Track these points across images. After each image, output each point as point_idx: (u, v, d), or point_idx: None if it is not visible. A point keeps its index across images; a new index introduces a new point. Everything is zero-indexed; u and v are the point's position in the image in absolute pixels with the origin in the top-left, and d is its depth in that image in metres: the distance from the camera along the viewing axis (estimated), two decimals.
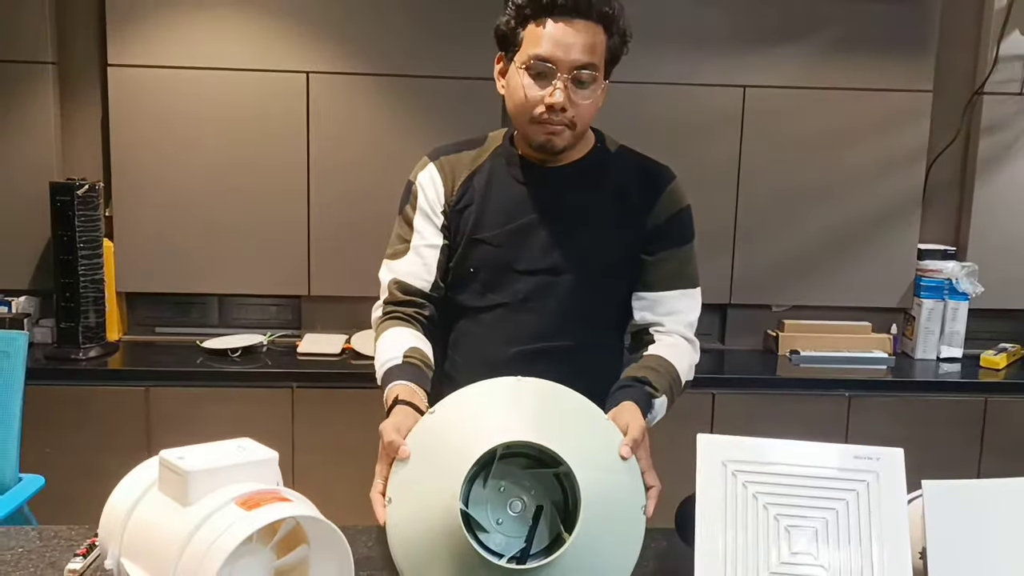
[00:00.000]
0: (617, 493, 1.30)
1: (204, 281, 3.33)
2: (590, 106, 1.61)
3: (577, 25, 1.55)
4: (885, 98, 3.37)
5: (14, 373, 2.15)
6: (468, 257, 1.71)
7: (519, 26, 1.59)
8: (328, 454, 2.98)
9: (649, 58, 3.30)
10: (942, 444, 3.11)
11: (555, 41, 1.55)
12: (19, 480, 2.14)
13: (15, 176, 3.22)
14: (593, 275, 1.69)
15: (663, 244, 1.71)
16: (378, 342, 1.65)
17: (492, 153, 1.74)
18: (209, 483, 1.17)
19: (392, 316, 1.68)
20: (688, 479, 1.32)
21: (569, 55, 1.55)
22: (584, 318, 1.71)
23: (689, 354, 1.74)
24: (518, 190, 1.70)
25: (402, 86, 3.25)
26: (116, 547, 1.21)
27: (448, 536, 1.21)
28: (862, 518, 1.23)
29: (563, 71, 1.56)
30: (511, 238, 1.68)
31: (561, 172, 1.70)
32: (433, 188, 1.72)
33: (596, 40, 1.57)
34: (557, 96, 1.56)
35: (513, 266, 1.69)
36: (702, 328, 3.77)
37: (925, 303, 3.42)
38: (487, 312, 1.71)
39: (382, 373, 1.58)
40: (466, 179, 1.72)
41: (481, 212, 1.69)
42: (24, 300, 3.25)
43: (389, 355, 1.59)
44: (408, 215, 1.73)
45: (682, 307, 1.74)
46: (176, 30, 3.19)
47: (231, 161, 3.26)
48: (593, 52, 1.57)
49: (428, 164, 1.74)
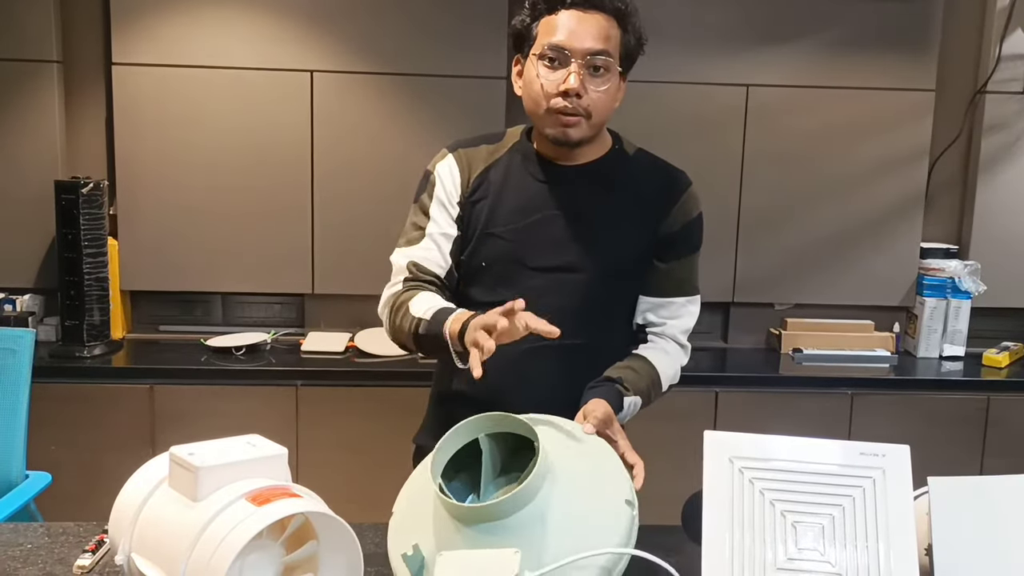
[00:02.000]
0: (599, 481, 1.31)
1: (208, 279, 3.34)
2: (605, 96, 1.62)
3: (590, 15, 1.59)
4: (888, 97, 3.38)
5: (21, 371, 2.15)
6: (480, 251, 1.71)
7: (534, 22, 1.63)
8: (332, 452, 2.98)
9: (652, 56, 3.25)
10: (944, 443, 3.11)
11: (568, 29, 1.59)
12: (26, 477, 2.15)
13: (20, 174, 3.22)
14: (605, 275, 1.70)
15: (676, 252, 1.74)
16: (410, 302, 1.63)
17: (510, 149, 1.75)
18: (219, 479, 1.18)
19: (416, 288, 1.68)
20: (693, 477, 1.33)
21: (583, 42, 1.58)
22: (595, 317, 1.72)
23: (679, 359, 1.80)
24: (533, 186, 1.70)
25: (406, 85, 3.25)
26: (127, 543, 1.22)
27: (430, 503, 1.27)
28: (868, 514, 1.23)
29: (577, 56, 1.58)
30: (523, 234, 1.69)
31: (577, 171, 1.70)
32: (451, 178, 1.73)
33: (610, 31, 1.61)
34: (572, 81, 1.58)
35: (524, 262, 1.69)
36: (704, 327, 3.79)
37: (928, 302, 3.43)
38: (497, 308, 1.71)
39: (431, 315, 1.57)
40: (482, 172, 1.73)
41: (495, 206, 1.70)
42: (28, 298, 3.25)
43: (432, 304, 1.60)
44: (424, 204, 1.74)
45: (684, 313, 1.78)
46: (180, 29, 3.20)
47: (235, 159, 3.26)
48: (607, 40, 1.60)
49: (447, 155, 1.75)
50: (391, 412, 2.88)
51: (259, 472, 1.21)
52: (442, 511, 1.26)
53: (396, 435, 1.92)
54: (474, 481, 1.36)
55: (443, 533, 1.24)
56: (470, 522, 1.23)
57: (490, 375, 1.40)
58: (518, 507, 1.22)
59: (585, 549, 1.20)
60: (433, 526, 1.26)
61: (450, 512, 1.24)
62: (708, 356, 3.46)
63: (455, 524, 1.24)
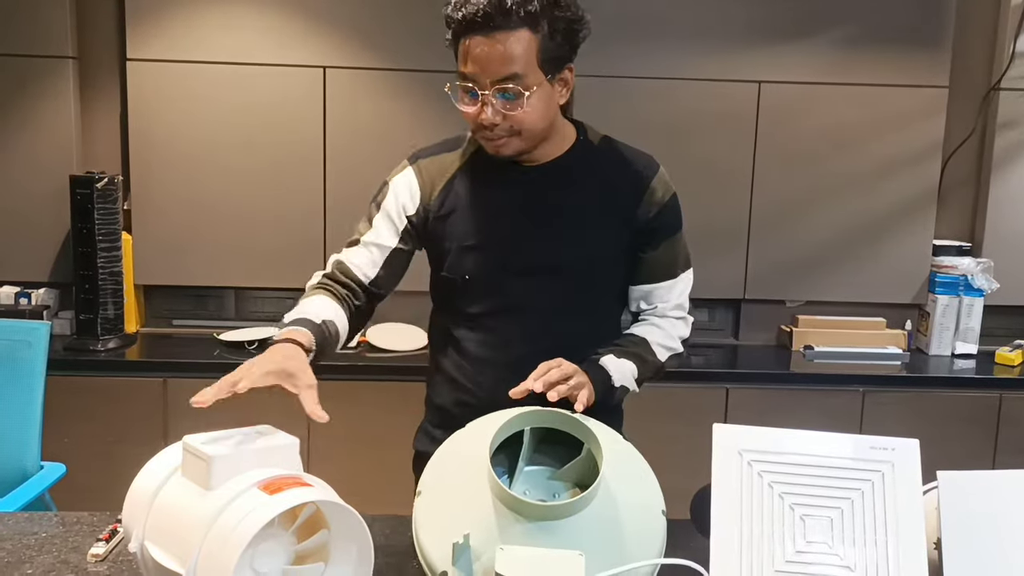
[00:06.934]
0: (636, 488, 1.33)
1: (221, 274, 3.36)
2: (531, 112, 1.55)
3: (495, 38, 1.50)
4: (901, 94, 3.37)
5: (36, 363, 2.17)
6: (461, 265, 1.69)
7: (455, 41, 1.56)
8: (343, 446, 2.99)
9: (662, 53, 3.30)
10: (956, 440, 3.10)
11: (473, 58, 1.52)
12: (41, 468, 2.17)
13: (36, 169, 3.25)
14: (588, 271, 1.68)
15: (656, 238, 1.70)
16: (303, 301, 1.62)
17: (472, 155, 1.71)
18: (232, 468, 1.19)
19: (326, 288, 1.67)
20: (702, 472, 1.33)
21: (487, 71, 1.52)
22: (585, 313, 1.70)
23: (674, 329, 1.75)
24: (502, 192, 1.68)
25: (419, 81, 3.26)
26: (140, 530, 1.22)
27: (477, 497, 1.25)
28: (877, 508, 1.23)
29: (484, 88, 1.53)
30: (500, 242, 1.67)
31: (543, 171, 1.67)
32: (408, 193, 1.70)
33: (521, 47, 1.51)
34: (486, 113, 1.54)
35: (507, 269, 1.67)
36: (715, 323, 3.77)
37: (940, 299, 3.42)
38: (486, 317, 1.70)
39: (291, 319, 1.55)
40: (446, 184, 1.69)
41: (467, 218, 1.68)
42: (43, 292, 3.28)
43: (307, 311, 1.57)
44: (371, 212, 1.72)
45: (675, 290, 1.74)
46: (194, 25, 3.22)
47: (248, 155, 3.28)
48: (516, 62, 1.51)
49: (406, 168, 1.73)
50: (402, 406, 2.88)
51: (271, 461, 1.23)
52: (492, 501, 1.25)
53: (407, 429, 1.93)
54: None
55: (498, 524, 1.23)
56: (533, 518, 1.23)
57: (486, 380, 1.41)
58: (578, 509, 1.23)
59: (629, 555, 1.23)
60: (478, 515, 1.25)
61: (509, 505, 1.24)
62: (719, 353, 3.46)
63: (513, 516, 1.23)
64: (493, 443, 1.30)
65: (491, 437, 1.30)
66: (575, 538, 1.21)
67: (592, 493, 1.23)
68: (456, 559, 1.20)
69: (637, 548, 1.25)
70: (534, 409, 1.35)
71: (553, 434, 1.37)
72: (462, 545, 1.20)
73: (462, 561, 1.20)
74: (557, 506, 1.23)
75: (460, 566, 1.20)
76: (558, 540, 1.21)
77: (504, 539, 1.21)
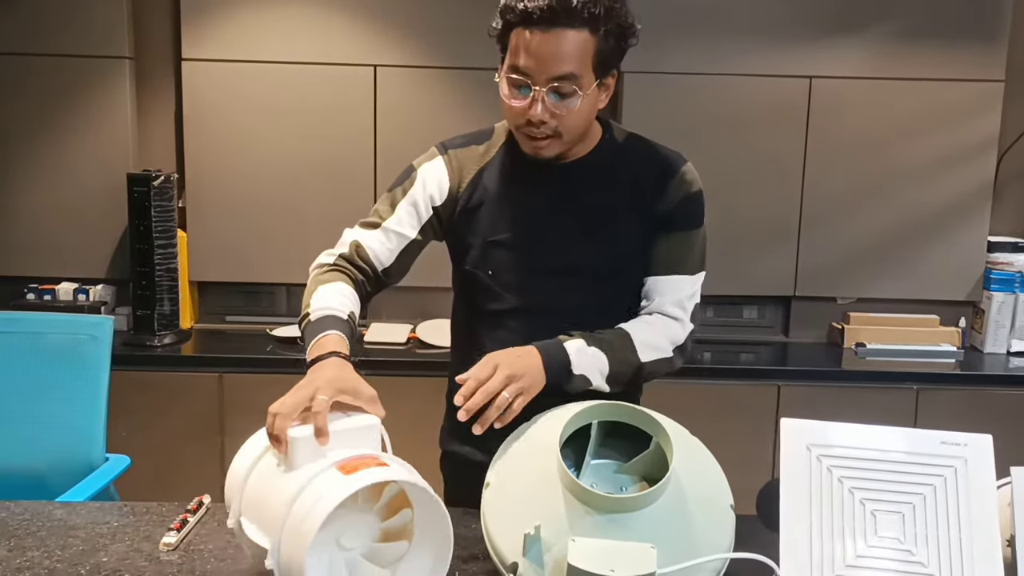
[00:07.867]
0: (705, 483, 1.34)
1: (273, 270, 3.40)
2: (576, 114, 1.53)
3: (556, 34, 1.47)
4: (955, 88, 3.32)
5: (101, 356, 2.21)
6: (486, 260, 1.67)
7: (506, 31, 1.53)
8: (393, 440, 3.02)
9: (714, 49, 3.29)
10: (1012, 439, 3.04)
11: (531, 52, 1.48)
12: (106, 460, 2.21)
13: (93, 168, 3.32)
14: (613, 270, 1.66)
15: (670, 227, 1.65)
16: (324, 285, 1.58)
17: (500, 148, 1.69)
18: (314, 449, 1.23)
19: (343, 270, 1.64)
20: (759, 467, 1.33)
21: (546, 67, 1.48)
22: (608, 311, 1.66)
23: (666, 329, 1.64)
24: (530, 189, 1.65)
25: (468, 79, 3.28)
26: (237, 507, 1.28)
27: (546, 490, 1.27)
28: (950, 504, 1.22)
29: (539, 84, 1.50)
30: (526, 239, 1.65)
31: (571, 168, 1.65)
32: (436, 183, 1.67)
33: (579, 48, 1.48)
34: (535, 110, 1.51)
35: (531, 267, 1.65)
36: (765, 320, 3.74)
37: (995, 296, 3.37)
38: (509, 314, 1.67)
39: (320, 315, 1.51)
40: (475, 176, 1.67)
41: (494, 213, 1.66)
42: (101, 288, 3.35)
43: (333, 304, 1.54)
44: (396, 197, 1.68)
45: (676, 289, 1.66)
46: (247, 25, 3.26)
47: (300, 152, 3.32)
48: (573, 61, 1.49)
49: (436, 157, 1.70)
50: None
51: (351, 442, 1.26)
52: (562, 494, 1.26)
53: None
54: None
55: (568, 516, 1.24)
56: (604, 511, 1.23)
57: None
58: (650, 502, 1.24)
59: (698, 549, 1.23)
60: (547, 507, 1.26)
61: (580, 497, 1.24)
62: (769, 350, 3.44)
63: (584, 509, 1.24)
64: (562, 436, 1.31)
65: (558, 431, 1.31)
66: (645, 531, 1.22)
67: (663, 486, 1.24)
68: (527, 550, 1.21)
69: (706, 542, 1.26)
70: (601, 403, 1.36)
71: (618, 428, 1.38)
72: (533, 536, 1.21)
73: (533, 552, 1.21)
74: (629, 498, 1.24)
75: (531, 557, 1.21)
76: (628, 533, 1.21)
77: (575, 531, 1.22)
